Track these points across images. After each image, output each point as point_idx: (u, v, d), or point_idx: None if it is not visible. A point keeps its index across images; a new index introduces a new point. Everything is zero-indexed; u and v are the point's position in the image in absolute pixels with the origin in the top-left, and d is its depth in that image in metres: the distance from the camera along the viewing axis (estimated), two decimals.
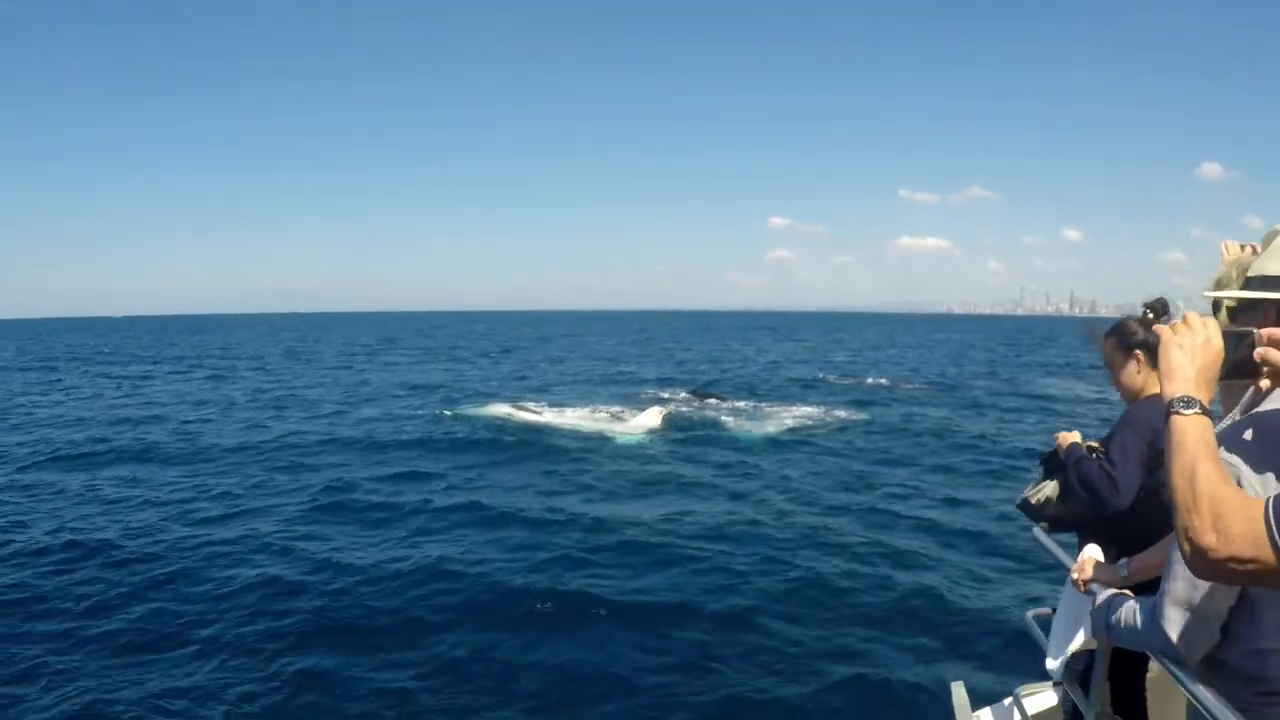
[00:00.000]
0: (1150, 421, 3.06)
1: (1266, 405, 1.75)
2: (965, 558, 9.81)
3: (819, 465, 15.84)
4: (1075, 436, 3.32)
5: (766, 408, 24.28)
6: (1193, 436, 1.52)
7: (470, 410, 22.94)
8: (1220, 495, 1.42)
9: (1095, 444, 3.25)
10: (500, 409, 22.56)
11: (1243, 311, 1.98)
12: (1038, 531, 3.27)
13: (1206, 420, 1.56)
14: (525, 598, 8.49)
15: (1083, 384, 32.46)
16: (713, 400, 25.72)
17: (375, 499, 13.10)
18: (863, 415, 22.68)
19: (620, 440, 18.51)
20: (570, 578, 9.15)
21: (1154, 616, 1.89)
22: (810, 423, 21.29)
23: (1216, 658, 1.83)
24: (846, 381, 32.93)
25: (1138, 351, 3.22)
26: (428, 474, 15.13)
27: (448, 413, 22.88)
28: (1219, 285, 2.51)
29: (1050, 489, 3.29)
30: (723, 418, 21.98)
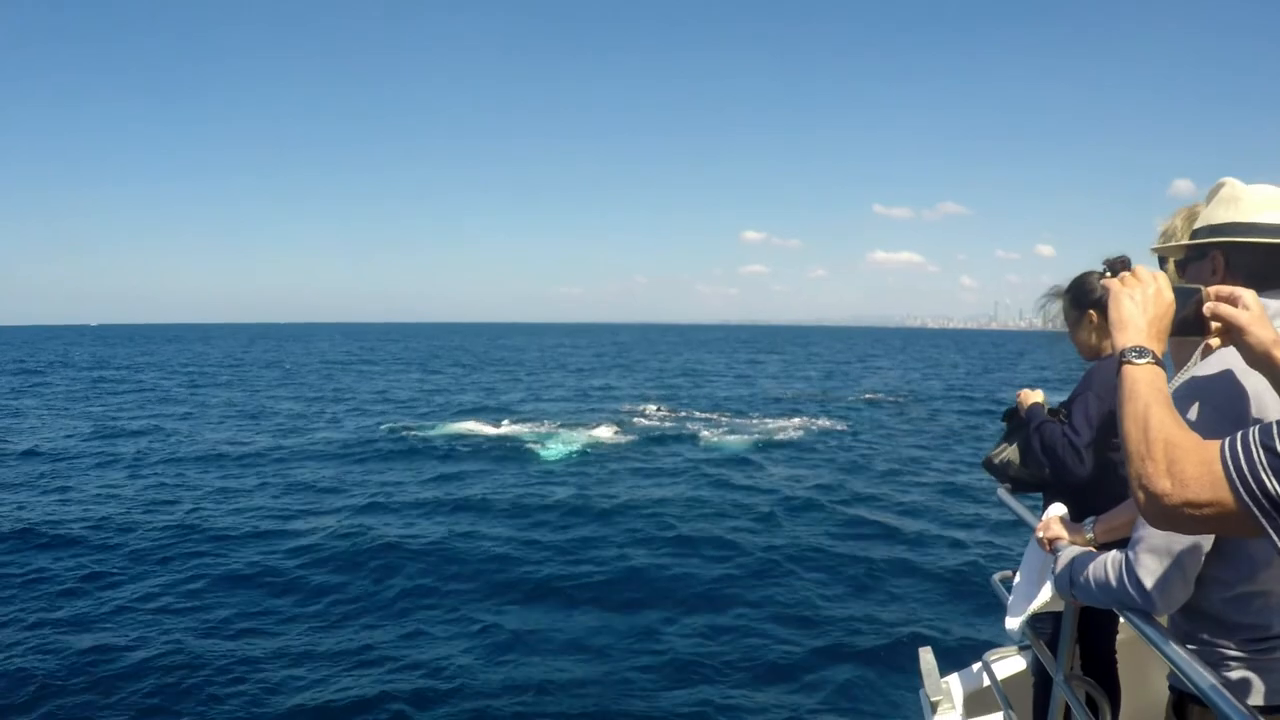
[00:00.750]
0: (1111, 381, 3.01)
1: (1203, 370, 1.77)
2: (929, 524, 9.93)
3: (787, 463, 15.88)
4: (1037, 396, 3.27)
5: (737, 420, 24.21)
6: (1145, 384, 1.50)
7: (429, 426, 22.40)
8: (1174, 439, 1.39)
9: (1057, 409, 3.20)
10: (464, 425, 22.10)
11: (1191, 261, 2.00)
12: (1002, 492, 3.22)
13: (1159, 369, 1.54)
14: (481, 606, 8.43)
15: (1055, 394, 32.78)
16: (683, 413, 25.48)
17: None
18: (835, 424, 22.72)
19: (579, 452, 18.09)
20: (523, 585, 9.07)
21: (1128, 568, 1.82)
22: (780, 431, 21.23)
23: (1196, 607, 1.79)
24: (815, 394, 33.09)
25: (1090, 311, 3.16)
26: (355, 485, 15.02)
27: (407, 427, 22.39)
28: (1165, 238, 2.51)
29: (1012, 451, 3.24)
30: (692, 429, 21.71)
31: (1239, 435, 1.31)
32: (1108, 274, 3.00)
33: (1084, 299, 3.18)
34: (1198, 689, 1.54)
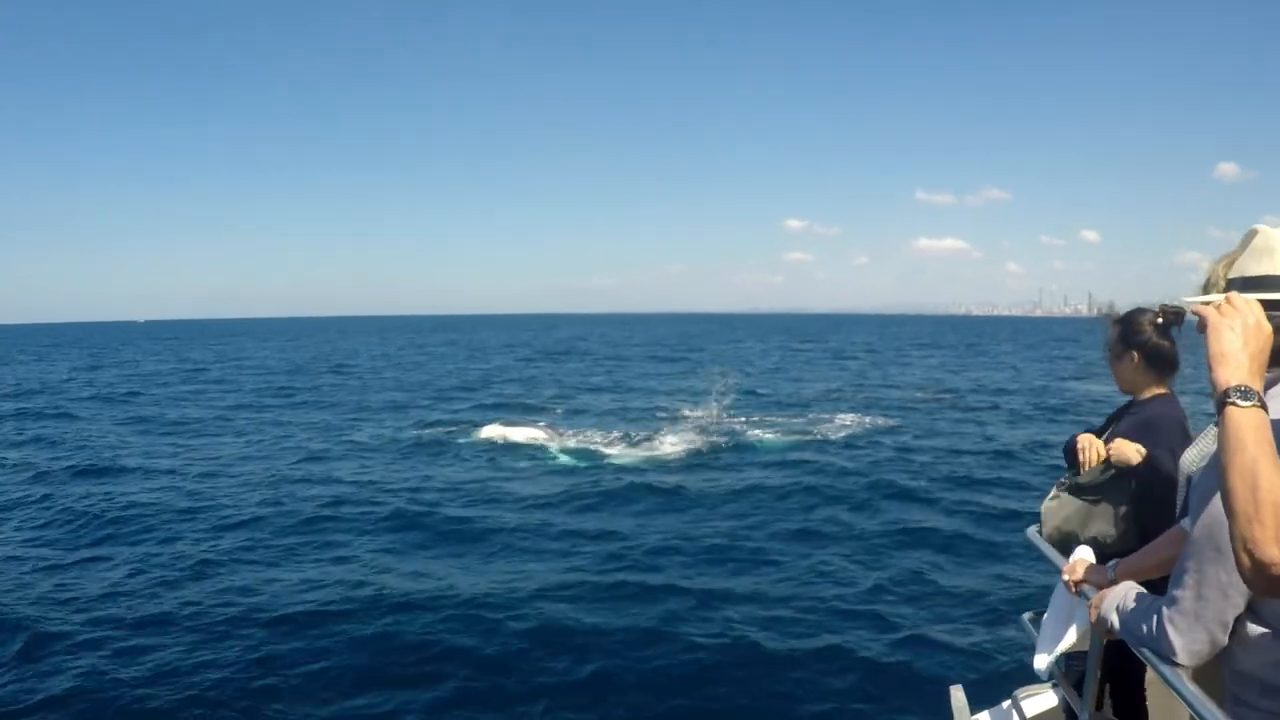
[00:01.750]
0: (1171, 430, 3.04)
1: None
2: (963, 559, 9.77)
3: (822, 474, 15.61)
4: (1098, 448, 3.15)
5: (783, 419, 23.70)
6: (1251, 432, 1.39)
7: (458, 429, 22.02)
8: None
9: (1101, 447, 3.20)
10: (494, 430, 21.01)
11: None
12: (1031, 532, 3.27)
13: (1264, 414, 1.43)
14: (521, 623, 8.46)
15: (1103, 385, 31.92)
16: (730, 415, 24.46)
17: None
18: (884, 422, 22.34)
19: (629, 463, 17.49)
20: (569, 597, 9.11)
21: (1159, 624, 1.86)
22: (823, 432, 20.83)
23: (1239, 670, 1.77)
24: (863, 391, 32.45)
25: (1134, 351, 3.21)
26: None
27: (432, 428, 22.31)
28: (1205, 288, 2.50)
29: (1101, 519, 3.07)
30: (741, 430, 21.12)
31: None
32: (1158, 320, 3.06)
33: (1131, 338, 3.22)
34: None
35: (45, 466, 17.38)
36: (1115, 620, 2.17)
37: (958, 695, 3.33)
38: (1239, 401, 1.42)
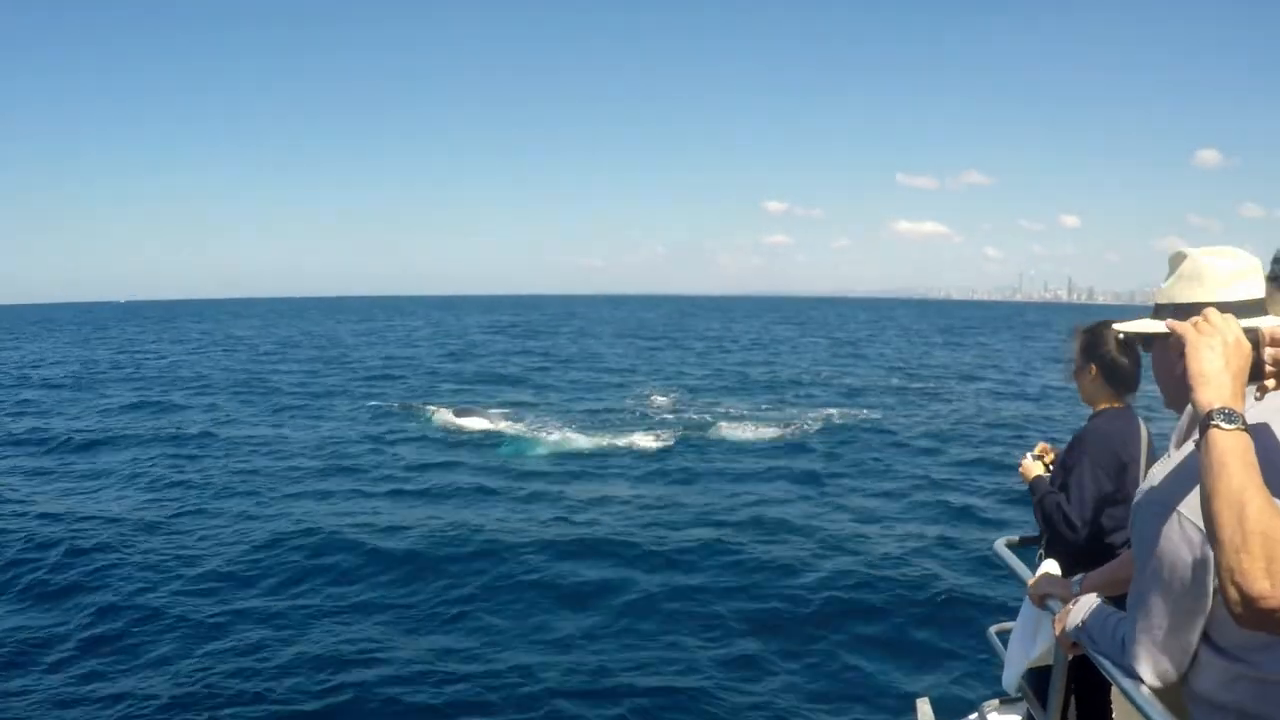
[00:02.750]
0: (1107, 442, 3.12)
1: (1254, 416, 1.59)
2: (932, 561, 9.70)
3: (793, 471, 15.51)
4: (1038, 468, 3.31)
5: (760, 410, 23.45)
6: (1237, 458, 1.34)
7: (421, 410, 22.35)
8: (1273, 533, 1.25)
9: (1051, 462, 3.26)
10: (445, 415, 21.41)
11: (1156, 339, 1.89)
12: (998, 545, 3.27)
13: (1248, 437, 1.37)
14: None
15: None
16: (708, 403, 24.67)
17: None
18: (847, 419, 22.06)
19: (572, 451, 17.35)
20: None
21: (1125, 642, 1.84)
22: (798, 425, 20.56)
23: (1195, 690, 1.75)
24: (844, 377, 32.46)
25: (1093, 364, 3.22)
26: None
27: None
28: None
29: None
30: (718, 422, 20.72)
31: None
32: (1120, 339, 3.06)
33: (1092, 351, 3.22)
34: None
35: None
36: (1079, 635, 2.16)
37: (924, 708, 3.32)
38: (1223, 424, 1.36)
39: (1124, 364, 3.17)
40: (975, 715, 3.33)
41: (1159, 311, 1.87)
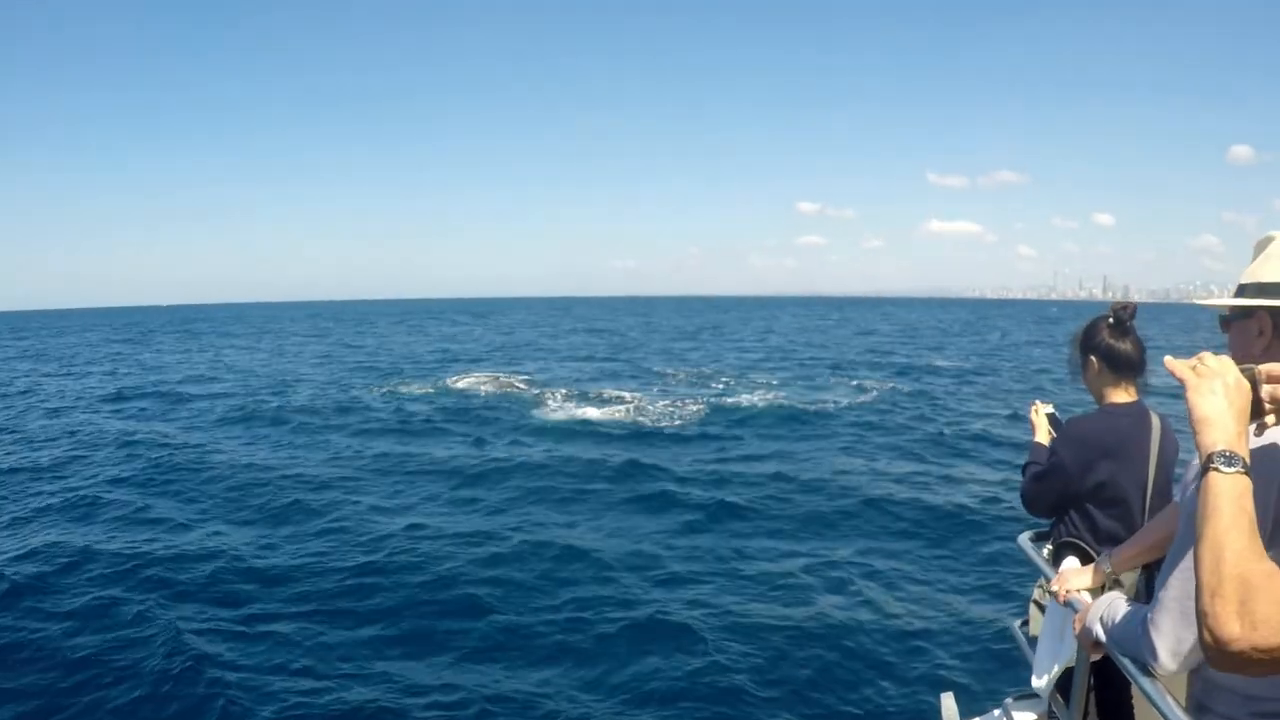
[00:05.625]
0: (1083, 435, 3.12)
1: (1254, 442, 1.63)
2: (955, 564, 9.57)
3: (808, 456, 15.58)
4: (1041, 433, 3.36)
5: (778, 401, 23.27)
6: (1230, 501, 1.35)
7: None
8: (1250, 575, 1.27)
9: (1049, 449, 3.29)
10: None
11: (1236, 319, 1.93)
12: (1022, 540, 3.29)
13: (1247, 481, 1.38)
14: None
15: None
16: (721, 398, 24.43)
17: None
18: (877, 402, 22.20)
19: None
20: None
21: (1144, 629, 1.84)
22: (815, 408, 20.78)
23: (1210, 676, 1.75)
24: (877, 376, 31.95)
25: (1092, 357, 3.20)
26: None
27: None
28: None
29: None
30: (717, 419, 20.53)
31: None
32: (1110, 320, 3.09)
33: (1088, 344, 3.22)
34: None
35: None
36: (1100, 632, 2.17)
37: (948, 702, 3.33)
38: (1223, 468, 1.38)
39: (1122, 348, 3.14)
40: (999, 710, 3.34)
41: (1243, 291, 1.89)
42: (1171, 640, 1.76)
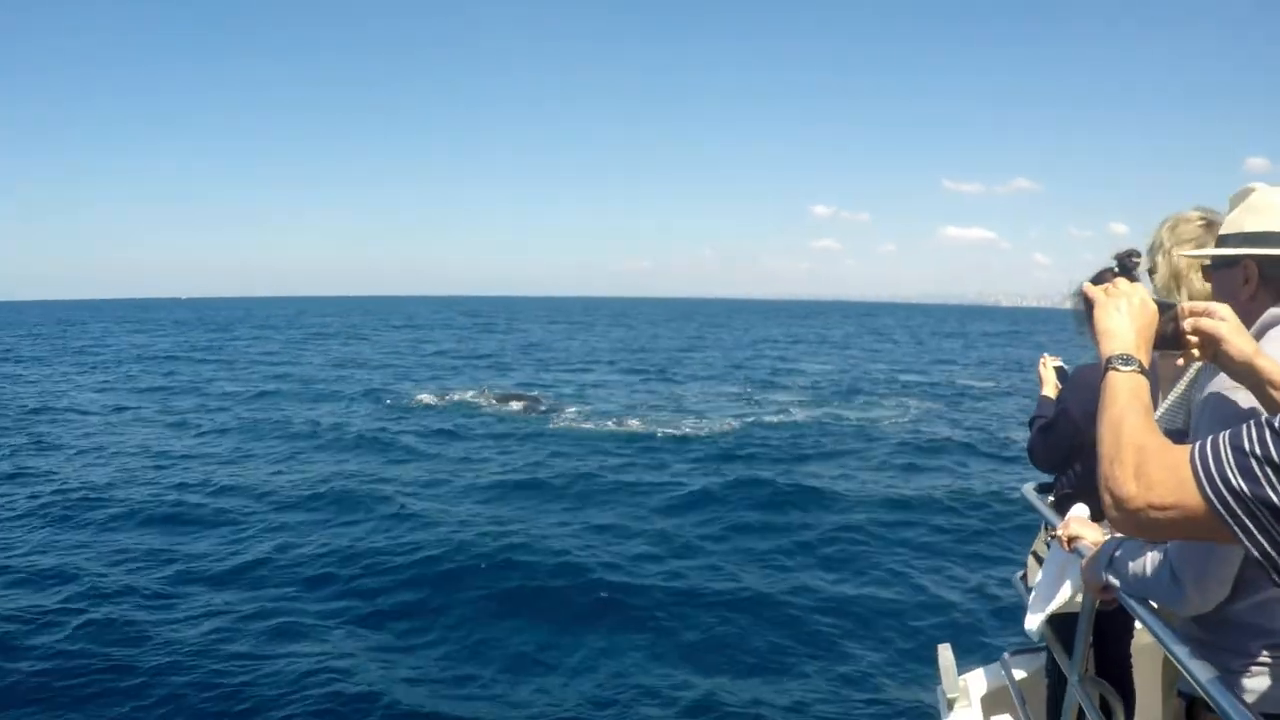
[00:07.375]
0: (1090, 381, 3.01)
1: (1210, 388, 1.75)
2: (953, 519, 9.64)
3: (812, 437, 15.73)
4: (1049, 386, 3.37)
5: (795, 402, 23.56)
6: (1126, 391, 1.52)
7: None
8: (1145, 443, 1.39)
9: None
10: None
11: (1219, 268, 1.99)
12: (1026, 489, 3.23)
13: (1143, 379, 1.55)
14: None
15: None
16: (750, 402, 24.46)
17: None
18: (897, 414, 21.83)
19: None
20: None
21: (1165, 562, 1.80)
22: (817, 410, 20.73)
23: (1220, 613, 1.78)
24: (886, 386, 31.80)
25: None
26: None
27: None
28: (1153, 251, 2.63)
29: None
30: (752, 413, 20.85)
31: (1209, 438, 1.30)
32: (1115, 270, 3.02)
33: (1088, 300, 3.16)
34: (1199, 684, 1.55)
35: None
36: (1109, 575, 2.08)
37: (945, 654, 3.29)
38: (1119, 367, 1.57)
39: None
40: (998, 662, 3.28)
41: (1225, 241, 1.96)
42: (1196, 573, 1.74)
